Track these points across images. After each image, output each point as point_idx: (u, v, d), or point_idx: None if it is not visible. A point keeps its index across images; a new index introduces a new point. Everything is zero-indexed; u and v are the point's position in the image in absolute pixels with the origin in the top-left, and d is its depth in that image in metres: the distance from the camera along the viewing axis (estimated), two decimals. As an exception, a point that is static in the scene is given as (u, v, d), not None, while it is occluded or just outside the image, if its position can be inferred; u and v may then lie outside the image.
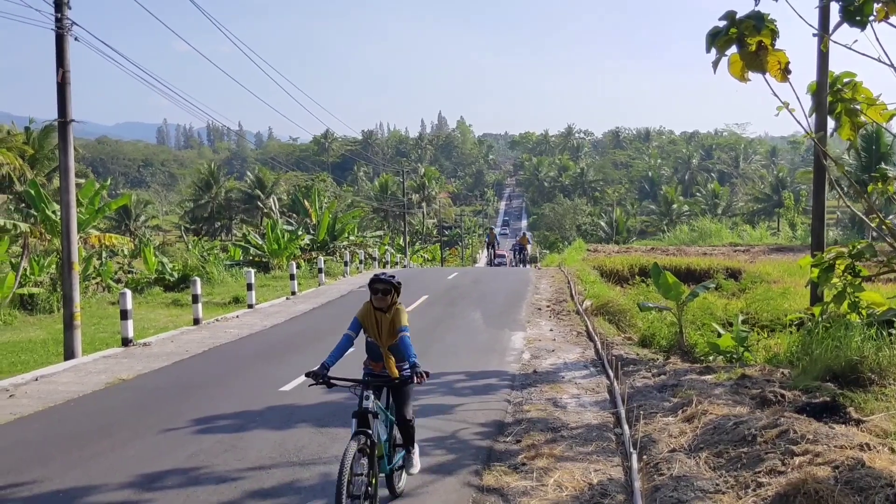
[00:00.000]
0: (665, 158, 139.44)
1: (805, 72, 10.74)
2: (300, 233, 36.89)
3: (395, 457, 5.94)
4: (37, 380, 11.14)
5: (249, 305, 19.61)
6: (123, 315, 14.04)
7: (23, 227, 25.14)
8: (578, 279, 23.94)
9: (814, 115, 11.99)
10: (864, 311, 10.56)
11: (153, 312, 20.33)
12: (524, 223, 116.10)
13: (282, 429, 8.09)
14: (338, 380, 5.41)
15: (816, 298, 12.13)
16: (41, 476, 6.70)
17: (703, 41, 7.43)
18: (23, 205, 31.09)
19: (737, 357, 11.61)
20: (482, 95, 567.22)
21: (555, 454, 7.10)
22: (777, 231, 65.05)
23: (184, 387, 10.54)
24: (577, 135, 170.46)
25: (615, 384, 9.67)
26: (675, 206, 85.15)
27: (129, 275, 30.65)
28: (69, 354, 13.34)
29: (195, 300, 16.85)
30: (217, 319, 17.35)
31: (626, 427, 7.71)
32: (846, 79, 10.30)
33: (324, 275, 26.54)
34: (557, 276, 26.18)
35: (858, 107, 10.20)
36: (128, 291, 14.45)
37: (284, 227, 37.38)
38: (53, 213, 23.45)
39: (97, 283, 26.97)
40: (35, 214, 25.71)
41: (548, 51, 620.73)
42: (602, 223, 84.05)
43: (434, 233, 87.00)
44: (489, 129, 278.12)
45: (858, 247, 10.54)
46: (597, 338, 13.58)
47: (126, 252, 35.40)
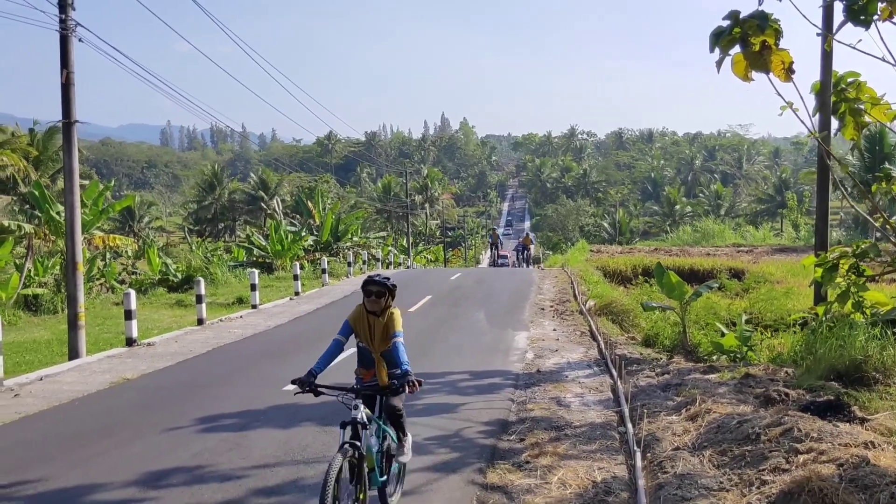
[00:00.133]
0: (668, 159, 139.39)
1: (809, 71, 10.70)
2: (304, 234, 36.94)
3: (391, 468, 5.61)
4: (41, 379, 11.18)
5: (253, 306, 19.64)
6: (127, 315, 14.07)
7: (27, 229, 25.23)
8: (582, 279, 23.93)
9: (817, 115, 11.93)
10: (868, 311, 10.55)
11: (157, 313, 20.38)
12: (527, 224, 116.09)
13: (286, 427, 8.10)
14: (325, 388, 5.08)
15: (820, 298, 12.11)
16: (46, 474, 6.72)
17: (706, 41, 7.41)
18: (27, 206, 31.19)
19: (740, 356, 11.61)
20: (485, 97, 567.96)
21: (558, 452, 7.10)
22: (780, 232, 65.05)
23: (188, 386, 10.57)
24: (580, 136, 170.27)
25: (618, 383, 9.68)
26: (678, 207, 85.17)
27: (133, 276, 30.76)
28: (73, 354, 13.38)
29: (199, 300, 16.89)
30: (221, 320, 17.39)
31: (630, 425, 7.71)
32: (850, 78, 10.26)
33: (327, 275, 26.58)
34: (561, 277, 26.17)
35: (862, 106, 10.16)
36: (132, 292, 14.49)
37: (288, 229, 37.41)
38: (58, 214, 23.54)
39: (101, 284, 27.08)
40: (39, 216, 25.80)
41: (550, 51, 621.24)
42: (605, 224, 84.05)
43: (437, 234, 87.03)
44: (492, 131, 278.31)
45: (862, 246, 10.54)
46: (600, 337, 13.58)
47: (130, 253, 35.51)
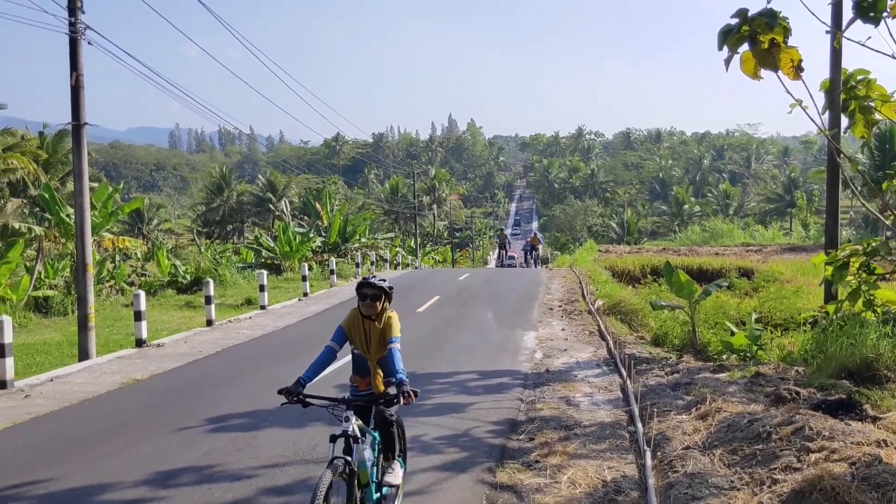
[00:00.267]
0: (676, 159, 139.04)
1: (818, 69, 10.65)
2: (312, 235, 37.03)
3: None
4: (52, 380, 11.23)
5: (262, 307, 19.68)
6: (137, 316, 14.12)
7: (37, 231, 25.39)
8: (590, 279, 23.90)
9: (827, 113, 11.89)
10: (880, 309, 10.49)
11: (166, 314, 20.46)
12: (535, 224, 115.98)
13: (295, 427, 8.10)
14: (314, 398, 4.80)
15: (831, 296, 12.05)
16: (57, 474, 6.75)
17: (714, 40, 7.39)
18: (37, 209, 31.39)
19: (750, 355, 11.55)
20: (492, 98, 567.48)
21: (568, 452, 7.08)
22: (789, 231, 64.79)
23: (197, 387, 10.59)
24: (588, 136, 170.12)
25: (628, 382, 9.65)
26: (687, 207, 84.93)
27: (143, 277, 30.91)
28: (83, 355, 13.44)
29: (208, 301, 16.94)
30: (230, 321, 17.43)
31: (640, 424, 7.69)
32: (860, 76, 10.21)
33: (336, 276, 26.61)
34: (569, 277, 26.12)
35: (872, 104, 10.10)
36: (141, 293, 14.54)
37: (296, 230, 37.49)
38: (67, 217, 23.67)
39: (111, 286, 27.22)
40: (49, 218, 25.96)
41: (557, 52, 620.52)
42: (613, 224, 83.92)
43: (445, 235, 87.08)
44: (499, 131, 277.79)
45: (873, 244, 10.48)
46: (609, 337, 13.54)
47: (139, 255, 35.72)
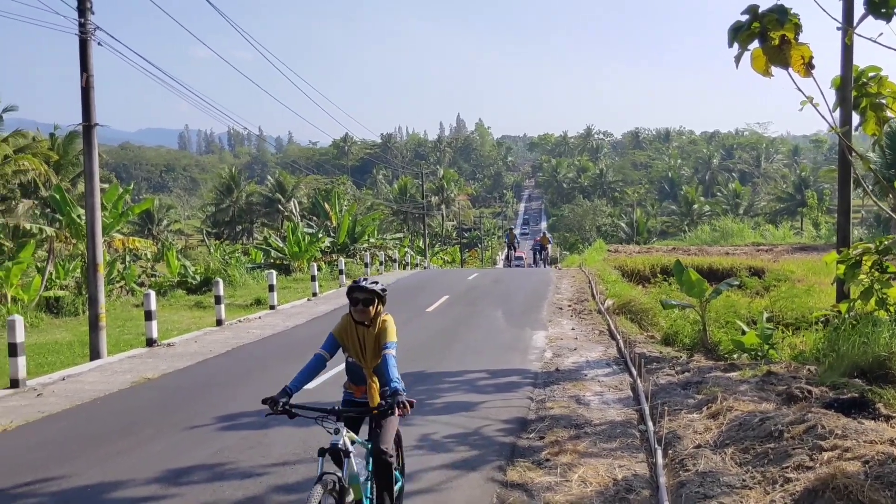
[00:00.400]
0: (685, 158, 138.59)
1: (829, 66, 10.57)
2: (321, 235, 37.08)
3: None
4: (64, 379, 11.29)
5: (271, 307, 19.73)
6: (148, 316, 14.18)
7: (48, 232, 25.53)
8: (599, 279, 23.84)
9: (838, 111, 11.82)
10: (893, 308, 10.41)
11: (176, 314, 20.53)
12: (544, 224, 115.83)
13: (305, 426, 8.00)
14: (301, 409, 4.57)
15: (843, 295, 11.97)
16: (69, 472, 6.79)
17: (723, 39, 7.36)
18: (48, 209, 31.59)
19: (762, 354, 11.49)
20: (500, 97, 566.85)
21: (579, 450, 7.07)
22: (800, 230, 64.43)
23: (207, 386, 10.63)
24: (597, 136, 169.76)
25: (638, 381, 9.62)
26: (696, 207, 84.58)
27: (153, 278, 31.00)
28: (95, 355, 13.50)
29: (218, 301, 17.00)
30: (239, 320, 17.48)
31: (651, 423, 7.66)
32: (871, 73, 10.11)
33: (344, 276, 26.65)
34: (578, 276, 26.07)
35: (884, 101, 10.00)
36: (152, 292, 14.60)
37: (305, 230, 37.57)
38: (78, 217, 23.78)
39: (121, 287, 27.31)
40: (60, 219, 26.10)
41: (566, 51, 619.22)
42: (622, 224, 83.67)
43: (453, 235, 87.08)
44: (508, 131, 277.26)
45: (885, 242, 10.40)
46: (619, 336, 13.50)
47: (149, 256, 35.81)
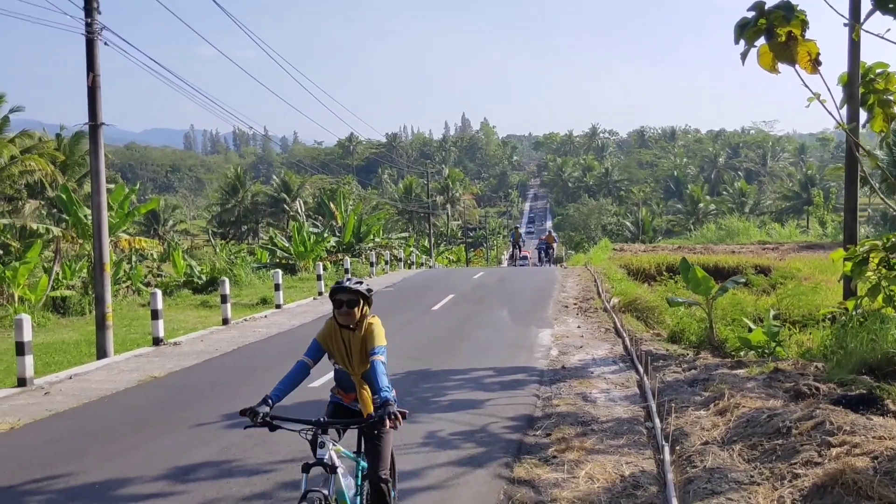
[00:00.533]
0: (691, 157, 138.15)
1: (836, 63, 10.55)
2: (326, 235, 37.11)
3: None
4: (71, 378, 11.33)
5: (277, 306, 19.76)
6: (154, 315, 14.22)
7: (55, 232, 25.64)
8: (605, 277, 23.80)
9: (845, 108, 11.77)
10: (900, 305, 10.35)
11: (182, 314, 20.56)
12: (549, 223, 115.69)
13: (312, 423, 8.11)
14: (283, 420, 4.19)
15: (850, 293, 11.93)
16: (77, 469, 6.81)
17: (728, 37, 7.33)
18: (55, 210, 31.70)
19: (769, 352, 11.46)
20: (505, 97, 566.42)
21: (585, 447, 7.06)
22: (806, 229, 64.23)
23: (214, 384, 10.65)
24: (602, 135, 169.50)
25: (645, 378, 9.60)
26: (702, 205, 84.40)
27: (159, 278, 31.12)
28: (101, 354, 13.54)
29: (224, 300, 17.03)
30: (245, 319, 17.51)
31: (658, 420, 7.64)
32: (879, 69, 10.03)
33: (350, 275, 26.66)
34: (584, 275, 26.03)
35: (892, 98, 9.96)
36: (158, 291, 14.64)
37: (310, 230, 37.58)
38: (85, 217, 23.86)
39: (127, 287, 27.41)
40: (67, 219, 26.19)
41: (570, 50, 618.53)
42: (628, 223, 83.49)
43: (459, 234, 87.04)
44: (513, 131, 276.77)
45: (893, 239, 10.34)
46: (625, 334, 13.48)
47: (155, 256, 35.94)
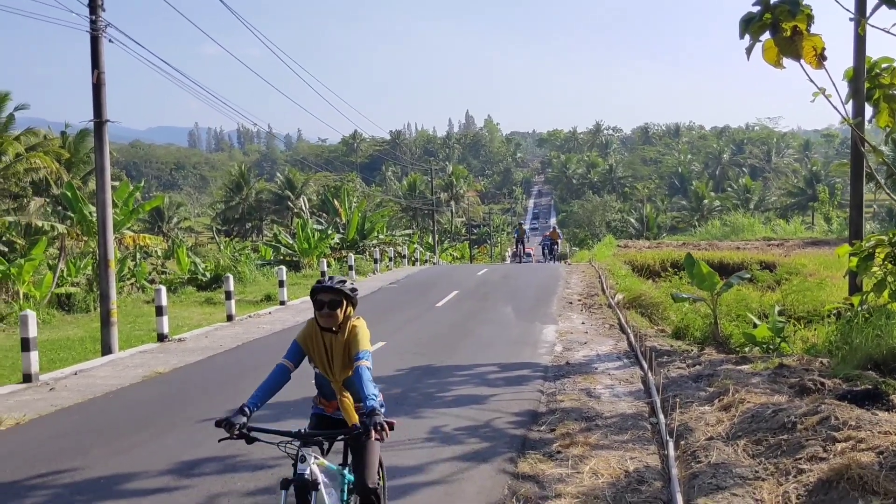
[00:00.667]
0: (695, 154, 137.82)
1: (841, 58, 10.51)
2: (330, 232, 37.13)
3: None
4: (76, 374, 11.36)
5: (281, 302, 19.79)
6: (158, 311, 14.25)
7: (60, 229, 25.69)
8: (609, 274, 23.78)
9: (850, 102, 11.72)
10: (906, 300, 10.32)
11: (187, 311, 20.60)
12: (553, 220, 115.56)
13: (316, 419, 8.12)
14: (261, 431, 3.92)
15: (855, 288, 11.90)
16: (82, 464, 6.82)
17: (733, 33, 7.31)
18: (59, 207, 31.75)
19: (773, 347, 11.44)
20: (509, 94, 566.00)
21: (590, 443, 7.05)
22: (811, 225, 64.03)
23: (219, 379, 10.67)
24: (606, 131, 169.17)
25: (649, 374, 9.58)
26: (706, 202, 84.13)
27: (163, 275, 31.12)
28: (106, 350, 13.57)
29: (228, 297, 17.06)
30: (250, 316, 17.54)
31: (662, 415, 7.63)
32: (884, 64, 10.04)
33: (354, 272, 26.69)
34: (588, 272, 26.01)
35: (897, 92, 9.95)
36: (163, 288, 14.66)
37: (314, 227, 37.60)
38: (90, 214, 23.91)
39: (132, 284, 27.46)
40: (71, 216, 26.23)
41: (574, 47, 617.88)
42: (632, 219, 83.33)
43: (463, 231, 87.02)
44: (517, 128, 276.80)
45: (899, 235, 10.30)
46: (629, 329, 13.46)
47: (159, 253, 35.97)
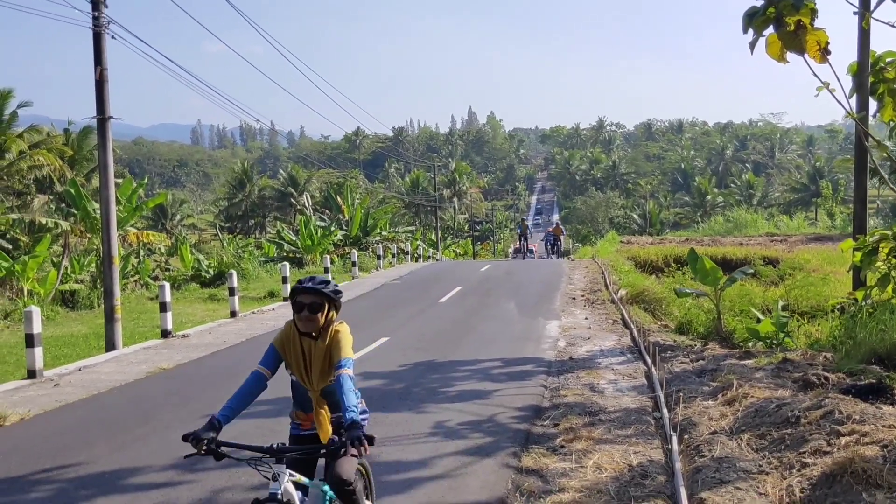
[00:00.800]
0: (698, 150, 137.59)
1: (845, 52, 10.47)
2: (333, 228, 37.19)
3: None
4: (80, 370, 11.38)
5: (285, 298, 19.78)
6: (162, 307, 14.27)
7: (64, 226, 25.75)
8: (612, 269, 23.77)
9: (854, 97, 11.68)
10: (910, 295, 10.31)
11: (190, 307, 20.64)
12: (556, 216, 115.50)
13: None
14: (232, 447, 3.64)
15: (859, 283, 11.88)
16: (87, 459, 6.84)
17: (736, 29, 7.28)
18: (63, 204, 31.81)
19: (777, 342, 11.43)
20: (512, 90, 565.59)
21: (593, 437, 7.06)
22: (815, 221, 63.96)
23: (222, 375, 10.67)
24: (609, 128, 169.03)
25: (653, 369, 9.58)
26: (710, 198, 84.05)
27: (167, 272, 31.19)
28: (110, 346, 13.61)
29: (232, 293, 17.08)
30: (253, 312, 17.56)
31: (665, 410, 7.63)
32: (889, 58, 9.96)
33: (357, 268, 26.70)
34: (591, 267, 26.00)
35: (901, 87, 9.91)
36: (166, 284, 14.68)
37: (317, 224, 37.68)
38: (93, 211, 23.96)
39: (135, 281, 27.53)
40: (75, 213, 26.30)
41: (577, 43, 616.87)
42: (635, 216, 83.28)
43: (465, 227, 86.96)
44: (519, 124, 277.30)
45: (903, 229, 10.28)
46: (633, 325, 13.46)
47: (163, 250, 36.03)
